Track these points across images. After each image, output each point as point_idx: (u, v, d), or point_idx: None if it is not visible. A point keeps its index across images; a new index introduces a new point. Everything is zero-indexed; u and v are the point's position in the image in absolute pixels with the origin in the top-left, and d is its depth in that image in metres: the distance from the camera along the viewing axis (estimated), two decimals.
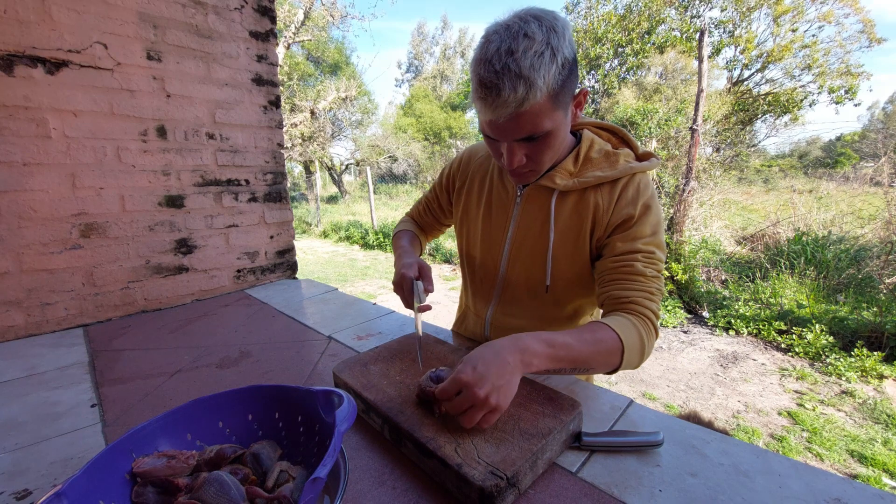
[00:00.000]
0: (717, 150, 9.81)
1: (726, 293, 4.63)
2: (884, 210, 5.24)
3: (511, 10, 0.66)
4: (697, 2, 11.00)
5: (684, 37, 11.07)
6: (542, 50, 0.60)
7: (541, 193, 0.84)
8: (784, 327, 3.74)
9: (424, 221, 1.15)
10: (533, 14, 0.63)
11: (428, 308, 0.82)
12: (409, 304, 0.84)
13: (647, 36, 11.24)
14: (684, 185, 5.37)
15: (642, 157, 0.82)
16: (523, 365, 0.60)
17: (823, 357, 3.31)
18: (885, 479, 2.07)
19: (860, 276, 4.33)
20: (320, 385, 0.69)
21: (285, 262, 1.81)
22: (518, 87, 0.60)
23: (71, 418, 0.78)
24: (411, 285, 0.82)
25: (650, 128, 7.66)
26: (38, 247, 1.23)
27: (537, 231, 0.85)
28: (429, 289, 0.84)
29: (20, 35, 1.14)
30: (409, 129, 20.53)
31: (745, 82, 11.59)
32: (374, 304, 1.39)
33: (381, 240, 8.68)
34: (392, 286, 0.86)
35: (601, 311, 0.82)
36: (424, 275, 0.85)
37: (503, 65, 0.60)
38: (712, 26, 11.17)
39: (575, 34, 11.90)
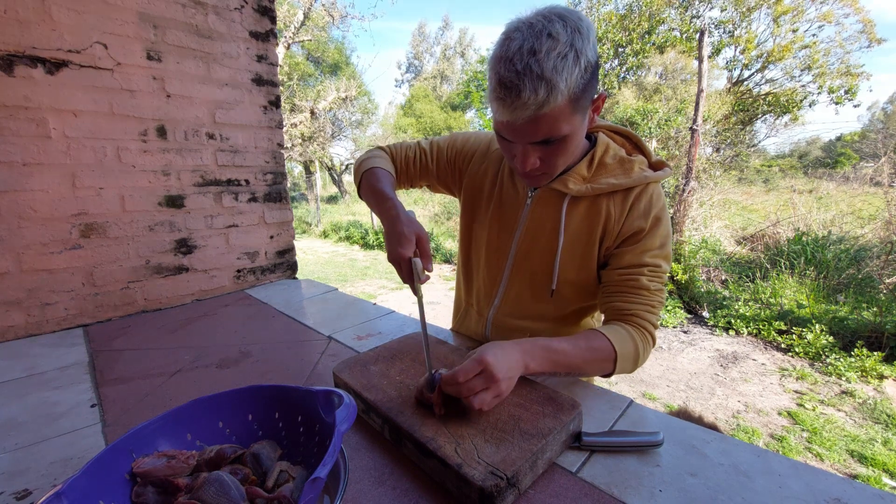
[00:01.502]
0: (717, 150, 9.81)
1: (726, 293, 4.63)
2: (884, 210, 5.24)
3: (533, 8, 0.63)
4: (697, 2, 10.99)
5: (684, 37, 11.06)
6: (565, 52, 0.58)
7: (552, 197, 0.83)
8: (784, 327, 3.74)
9: (405, 169, 1.00)
10: (557, 13, 0.61)
11: (426, 279, 0.74)
12: (406, 281, 0.75)
13: (647, 36, 11.24)
14: (684, 185, 5.37)
15: (655, 165, 0.81)
16: (524, 365, 0.65)
17: (823, 357, 3.31)
18: (885, 479, 2.07)
19: (860, 276, 4.33)
20: (320, 385, 0.69)
21: (285, 262, 1.81)
22: (539, 88, 0.58)
23: (71, 418, 0.78)
24: (409, 266, 0.73)
25: (650, 128, 7.66)
26: (38, 247, 1.23)
27: (547, 235, 0.84)
28: (428, 268, 0.74)
29: (20, 35, 1.14)
30: (409, 130, 20.52)
31: (745, 82, 11.58)
32: (374, 304, 1.39)
33: (381, 240, 8.68)
34: (387, 256, 0.77)
35: (602, 316, 0.84)
36: (423, 250, 0.75)
37: (525, 65, 0.58)
38: (712, 26, 11.16)
39: None
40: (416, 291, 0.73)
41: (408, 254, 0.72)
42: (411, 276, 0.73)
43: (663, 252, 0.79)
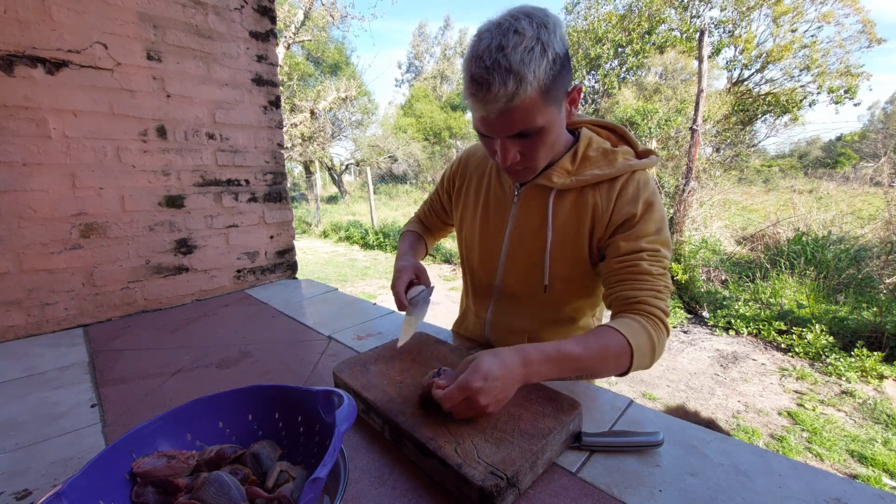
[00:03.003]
0: (717, 150, 9.81)
1: (726, 293, 4.63)
2: (884, 210, 5.24)
3: (503, 9, 0.66)
4: (697, 2, 11.00)
5: (684, 37, 11.07)
6: (532, 45, 0.60)
7: (538, 192, 0.83)
8: (784, 327, 3.74)
9: (430, 222, 1.16)
10: (524, 11, 0.63)
11: (427, 295, 0.89)
12: (399, 308, 0.89)
13: (647, 36, 11.24)
14: (684, 185, 5.37)
15: (642, 154, 0.81)
16: (525, 378, 0.62)
17: (823, 357, 3.31)
18: (885, 479, 2.07)
19: (860, 276, 4.32)
20: (320, 385, 0.69)
21: (285, 262, 1.81)
22: (508, 81, 0.60)
23: (71, 418, 0.78)
24: (401, 294, 0.88)
25: (650, 128, 7.66)
26: (38, 247, 1.23)
27: (535, 230, 0.84)
28: (426, 282, 0.92)
29: (20, 35, 1.14)
30: (409, 130, 20.53)
31: (745, 82, 11.59)
32: (374, 304, 1.39)
33: (381, 240, 8.67)
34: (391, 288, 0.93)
35: (608, 312, 0.82)
36: (421, 276, 0.91)
37: (493, 60, 0.60)
38: (712, 26, 11.17)
39: (575, 34, 11.90)
40: (407, 312, 0.87)
41: (399, 285, 0.88)
42: (402, 304, 0.87)
43: (660, 237, 0.76)
